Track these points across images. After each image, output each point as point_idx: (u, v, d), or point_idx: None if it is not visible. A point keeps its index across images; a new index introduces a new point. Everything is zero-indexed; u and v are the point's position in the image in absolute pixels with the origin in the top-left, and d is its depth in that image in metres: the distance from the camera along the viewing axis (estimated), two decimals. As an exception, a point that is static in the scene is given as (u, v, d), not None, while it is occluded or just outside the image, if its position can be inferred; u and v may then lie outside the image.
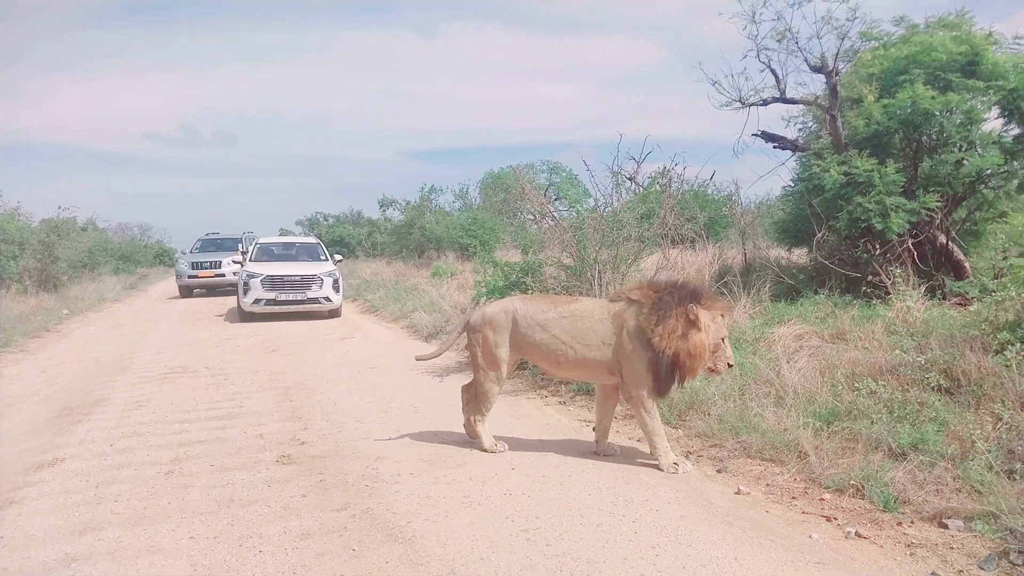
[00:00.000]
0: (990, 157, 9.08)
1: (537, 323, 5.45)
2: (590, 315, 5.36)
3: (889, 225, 8.89)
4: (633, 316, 5.18)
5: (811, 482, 4.78)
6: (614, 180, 9.36)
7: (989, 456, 4.39)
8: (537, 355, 5.54)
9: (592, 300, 5.82)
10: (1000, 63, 9.15)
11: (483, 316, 5.66)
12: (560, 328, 5.38)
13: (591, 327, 5.31)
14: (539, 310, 5.51)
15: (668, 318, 5.02)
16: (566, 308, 5.48)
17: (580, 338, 5.32)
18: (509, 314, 5.56)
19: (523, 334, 5.50)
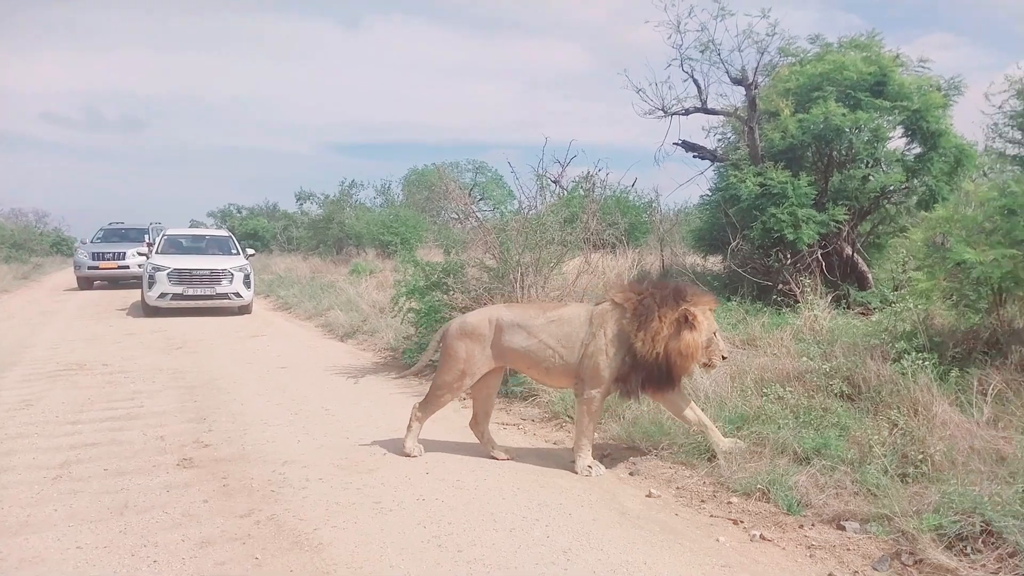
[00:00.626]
0: (894, 174, 9.53)
1: (524, 329, 5.30)
2: (575, 318, 5.26)
3: (800, 236, 9.21)
4: (614, 319, 5.11)
5: (720, 485, 4.85)
6: (539, 183, 9.37)
7: (885, 460, 4.56)
8: (524, 363, 5.40)
9: (578, 304, 5.71)
10: (906, 84, 9.61)
11: (463, 325, 5.43)
12: (547, 333, 5.25)
13: (575, 330, 5.21)
14: (526, 316, 5.37)
15: (651, 321, 4.96)
16: (554, 313, 5.37)
17: (565, 342, 5.21)
18: (492, 323, 5.36)
19: (507, 341, 5.32)
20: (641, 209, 18.17)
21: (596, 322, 5.16)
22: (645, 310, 5.00)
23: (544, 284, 8.36)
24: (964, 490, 3.98)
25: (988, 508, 3.74)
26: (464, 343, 5.35)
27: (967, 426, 4.93)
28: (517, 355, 5.34)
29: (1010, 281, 6.08)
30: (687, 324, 4.98)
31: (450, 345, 5.40)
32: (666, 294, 5.07)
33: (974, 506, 3.79)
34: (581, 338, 5.17)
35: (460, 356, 5.35)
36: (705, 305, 5.14)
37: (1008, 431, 4.97)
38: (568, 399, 6.60)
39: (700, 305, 5.09)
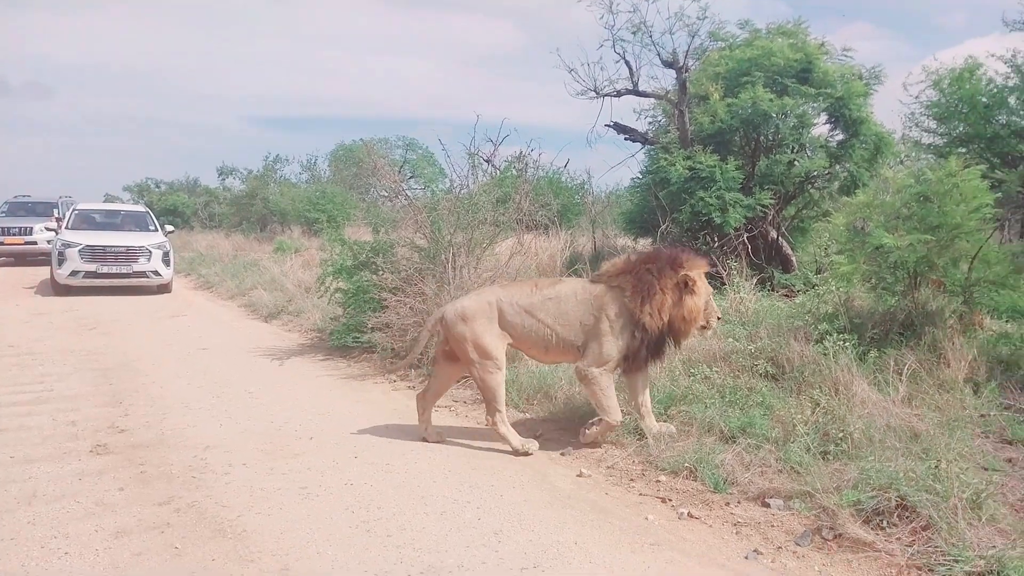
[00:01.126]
0: (818, 160, 9.79)
1: (523, 308, 5.24)
2: (572, 296, 5.23)
3: (727, 219, 9.38)
4: (614, 299, 5.11)
5: (649, 464, 4.91)
6: (471, 162, 9.24)
7: (807, 439, 4.68)
8: (525, 342, 5.32)
9: (574, 281, 5.59)
10: (830, 72, 9.86)
11: (462, 310, 5.28)
12: (545, 312, 5.21)
13: (572, 308, 5.19)
14: (523, 294, 5.30)
15: (654, 295, 5.01)
16: (550, 291, 5.30)
17: (561, 320, 5.19)
18: (493, 305, 5.27)
19: (509, 322, 5.25)
20: (574, 190, 18.24)
21: (596, 304, 5.15)
22: (646, 285, 5.04)
23: (477, 265, 8.28)
24: (881, 466, 4.13)
25: (903, 484, 3.88)
26: (474, 324, 5.22)
27: (884, 404, 5.12)
28: (518, 333, 5.28)
29: (924, 265, 6.33)
30: (687, 290, 5.07)
31: (463, 328, 5.23)
32: (662, 264, 5.11)
33: (890, 482, 3.92)
34: (579, 318, 5.17)
35: (478, 333, 5.22)
36: (700, 268, 5.20)
37: (921, 409, 5.19)
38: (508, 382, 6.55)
39: (696, 269, 5.15)
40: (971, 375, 5.76)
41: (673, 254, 5.23)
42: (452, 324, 5.26)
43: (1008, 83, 9.68)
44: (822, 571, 3.48)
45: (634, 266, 5.18)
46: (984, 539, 3.52)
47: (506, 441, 5.24)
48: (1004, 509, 3.82)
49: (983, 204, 6.12)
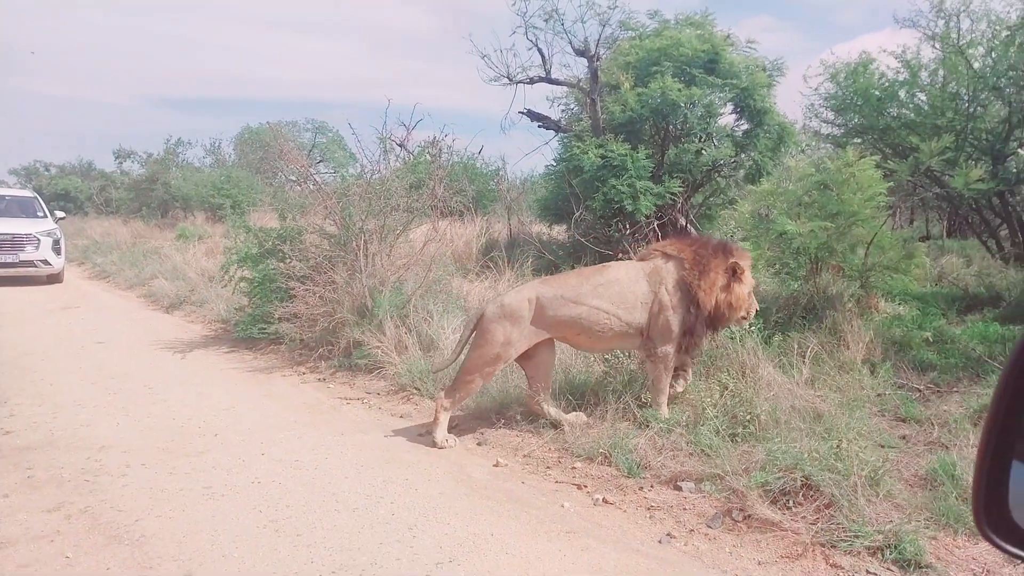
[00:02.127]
0: (724, 149, 10.05)
1: (569, 300, 5.10)
2: (625, 279, 5.18)
3: (639, 207, 9.52)
4: (673, 271, 5.12)
5: (565, 451, 4.92)
6: (382, 147, 9.04)
7: (717, 422, 4.80)
8: (572, 331, 5.17)
9: (621, 264, 5.54)
10: (735, 63, 10.12)
11: (502, 307, 5.14)
12: (599, 298, 5.10)
13: (629, 289, 5.14)
14: (567, 287, 5.19)
15: (709, 271, 5.05)
16: (600, 277, 5.23)
17: (621, 303, 5.10)
18: (532, 302, 5.13)
19: (553, 316, 5.11)
20: (488, 176, 18.17)
21: (654, 279, 5.15)
22: (703, 261, 5.09)
23: (390, 252, 8.11)
24: (787, 447, 4.26)
25: (807, 464, 4.02)
26: (503, 326, 5.09)
27: (789, 386, 5.30)
28: (563, 325, 5.14)
29: (825, 251, 6.60)
30: (735, 277, 5.13)
31: (488, 329, 5.11)
32: (716, 247, 5.21)
33: (795, 462, 4.06)
34: (640, 297, 5.13)
35: (498, 340, 5.09)
36: (748, 260, 5.26)
37: (823, 390, 5.40)
38: (415, 372, 6.46)
39: (745, 259, 5.23)
40: (868, 356, 6.04)
41: (724, 242, 5.38)
42: (488, 319, 5.14)
43: (899, 78, 10.18)
44: (732, 552, 3.56)
45: (689, 244, 5.29)
46: (882, 514, 3.69)
47: (436, 426, 5.15)
48: (899, 485, 4.01)
49: (877, 193, 6.43)
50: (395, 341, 7.01)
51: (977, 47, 9.28)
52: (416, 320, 7.24)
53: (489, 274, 9.63)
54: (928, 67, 10.05)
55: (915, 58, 10.03)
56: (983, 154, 9.29)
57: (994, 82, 8.68)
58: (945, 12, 9.53)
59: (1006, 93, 8.59)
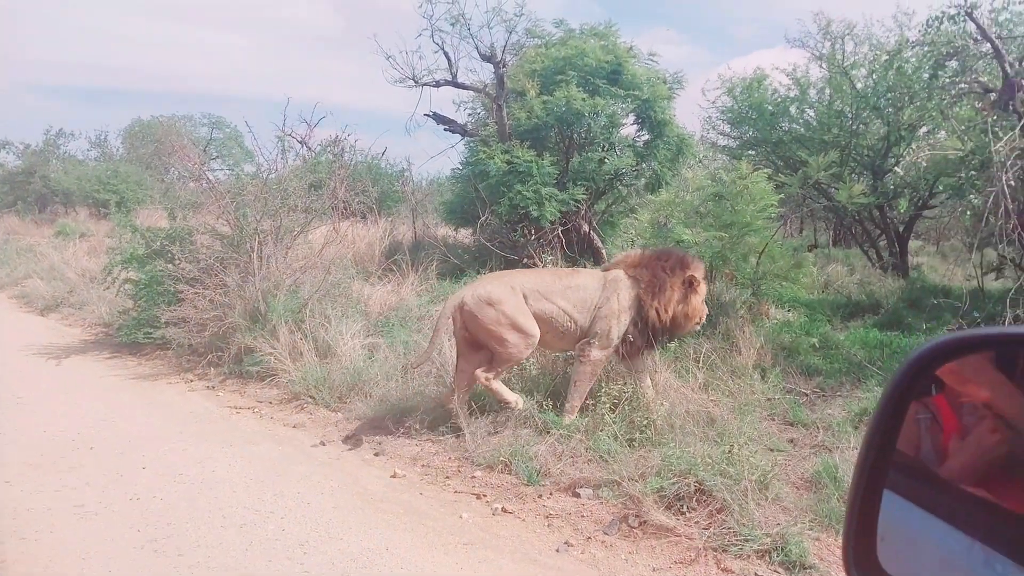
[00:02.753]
0: (626, 158, 10.26)
1: (543, 296, 5.29)
2: (588, 286, 5.38)
3: (544, 213, 9.58)
4: (627, 287, 5.33)
5: (465, 460, 4.86)
6: (280, 145, 8.72)
7: (615, 427, 4.84)
8: (543, 326, 5.27)
9: (589, 271, 5.88)
10: (638, 75, 10.35)
11: (487, 295, 5.17)
12: (566, 299, 5.30)
13: (590, 295, 5.34)
14: (544, 283, 5.37)
15: (665, 290, 5.29)
16: (570, 280, 5.44)
17: (581, 307, 5.31)
18: (517, 289, 5.25)
19: (530, 307, 5.25)
20: (393, 177, 17.89)
21: (610, 287, 5.35)
22: (659, 282, 5.32)
23: (286, 254, 7.83)
24: (681, 452, 4.33)
25: (700, 469, 4.09)
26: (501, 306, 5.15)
27: (684, 391, 5.42)
28: (537, 318, 5.25)
29: (719, 259, 6.80)
30: (691, 289, 5.37)
31: (487, 311, 5.13)
32: (673, 263, 5.42)
33: (689, 467, 4.13)
34: (594, 302, 5.33)
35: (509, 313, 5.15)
36: (702, 271, 5.52)
37: (717, 395, 5.54)
38: (311, 380, 6.25)
39: (699, 271, 5.46)
40: (759, 361, 6.24)
41: (681, 255, 5.59)
42: (478, 309, 5.13)
43: (790, 94, 10.67)
44: (628, 559, 3.58)
45: (649, 261, 5.46)
46: (770, 517, 3.80)
47: (499, 395, 5.18)
48: (787, 488, 4.15)
49: (769, 205, 6.69)
50: (289, 347, 6.77)
51: (860, 68, 9.84)
52: (313, 325, 7.00)
53: (392, 277, 9.44)
54: (816, 85, 10.60)
55: (804, 76, 10.54)
56: (865, 169, 9.84)
57: (875, 102, 9.20)
58: (831, 34, 10.07)
59: (885, 113, 9.12)
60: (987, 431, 1.06)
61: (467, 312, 5.22)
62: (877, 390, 5.45)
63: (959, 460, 1.08)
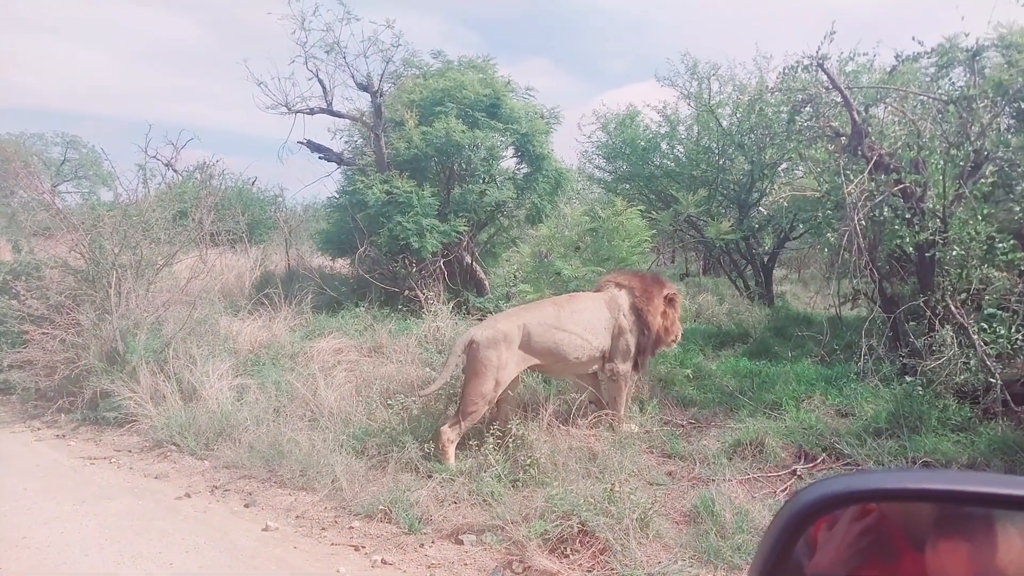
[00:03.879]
0: (506, 191, 10.33)
1: (552, 326, 5.43)
2: (592, 307, 5.64)
3: (425, 244, 9.47)
4: (627, 298, 5.68)
5: (342, 509, 4.65)
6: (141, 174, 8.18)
7: (499, 468, 4.76)
8: (552, 358, 5.47)
9: (585, 295, 5.98)
10: (516, 109, 10.49)
11: (495, 333, 5.30)
12: (574, 324, 5.48)
13: (595, 316, 5.60)
14: (547, 314, 5.52)
15: (653, 299, 5.68)
16: (571, 305, 5.65)
17: (590, 329, 5.53)
18: (521, 328, 5.37)
19: (538, 342, 5.40)
20: (266, 203, 17.25)
21: (613, 306, 5.67)
22: (649, 291, 5.72)
23: (147, 289, 7.31)
24: (564, 493, 4.31)
25: (583, 509, 4.08)
26: (496, 351, 5.24)
27: (566, 428, 5.42)
28: (546, 351, 5.43)
29: (599, 293, 6.92)
30: (671, 305, 5.82)
31: (483, 356, 5.22)
32: (652, 280, 5.86)
33: (572, 508, 4.11)
34: (604, 323, 5.61)
35: (494, 364, 5.22)
36: (675, 290, 5.91)
37: (599, 430, 5.58)
38: (175, 425, 5.83)
39: (675, 290, 5.89)
40: (637, 393, 6.36)
41: (656, 276, 6.14)
42: (484, 347, 5.24)
43: (661, 130, 11.12)
44: (512, 610, 3.49)
45: (635, 275, 5.92)
46: (652, 556, 3.83)
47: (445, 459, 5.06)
48: (667, 524, 4.20)
49: (643, 239, 6.89)
50: (151, 390, 6.30)
51: (725, 107, 10.38)
52: (177, 366, 6.55)
53: (264, 311, 9.01)
54: (685, 122, 11.10)
55: (674, 114, 11.03)
56: (731, 203, 10.36)
57: (739, 139, 9.74)
58: (698, 75, 10.59)
59: (749, 150, 9.66)
60: (852, 519, 1.05)
61: (473, 348, 5.31)
62: (749, 420, 5.66)
63: (827, 553, 1.06)
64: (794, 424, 5.48)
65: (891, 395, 5.59)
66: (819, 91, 6.30)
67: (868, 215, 5.84)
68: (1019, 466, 4.63)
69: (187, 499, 4.86)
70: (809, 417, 5.56)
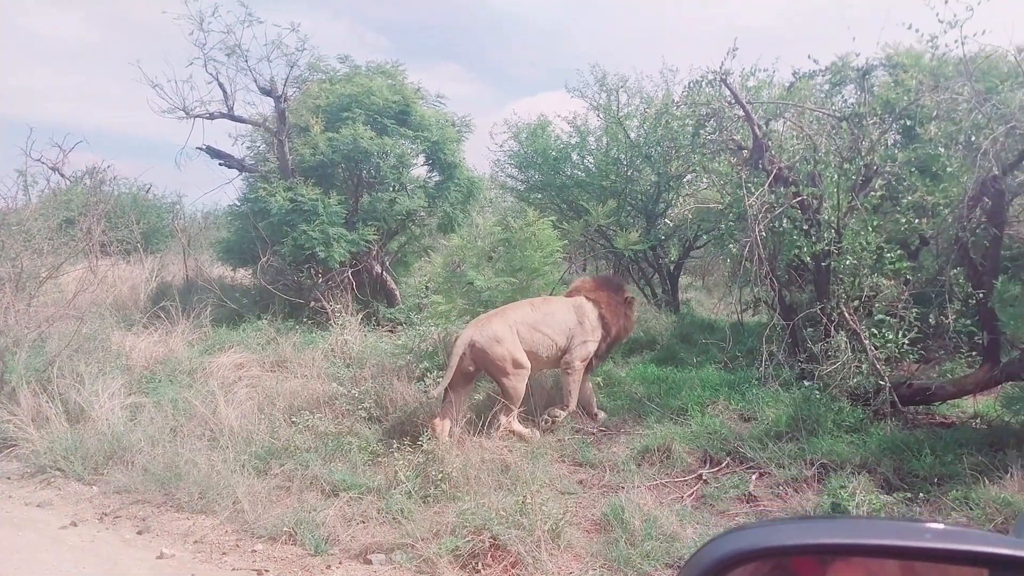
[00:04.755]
0: (417, 199, 10.21)
1: (531, 326, 6.01)
2: (561, 311, 6.22)
3: (331, 254, 9.24)
4: (593, 307, 6.33)
5: (244, 532, 4.45)
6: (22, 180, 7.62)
7: (409, 484, 4.66)
8: (533, 354, 5.98)
9: (557, 299, 6.55)
10: (426, 116, 10.39)
11: (494, 334, 5.78)
12: (547, 325, 6.08)
13: (563, 319, 6.18)
14: (527, 315, 6.09)
15: (616, 307, 6.42)
16: (546, 308, 6.23)
17: (559, 331, 6.13)
18: (513, 328, 5.90)
19: (524, 339, 5.95)
20: (163, 211, 16.45)
21: (579, 312, 6.26)
22: (612, 301, 6.40)
23: (29, 303, 6.82)
24: (476, 507, 4.25)
25: (495, 523, 4.03)
26: (507, 343, 5.80)
27: (479, 440, 5.36)
28: (528, 348, 5.96)
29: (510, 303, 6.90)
30: (628, 307, 6.59)
31: (497, 355, 5.73)
32: (615, 286, 6.63)
33: (484, 523, 4.06)
34: (570, 327, 6.20)
35: (512, 351, 5.80)
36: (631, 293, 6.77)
37: (510, 441, 5.55)
38: (60, 449, 5.44)
39: (630, 293, 6.70)
40: (551, 402, 6.37)
41: (618, 281, 7.00)
42: (489, 347, 5.72)
43: (571, 141, 11.23)
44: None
45: (600, 285, 6.58)
46: (563, 566, 3.82)
47: (518, 434, 5.72)
48: (579, 533, 4.20)
49: (555, 250, 6.92)
50: (33, 412, 5.88)
51: (633, 119, 10.58)
52: (63, 386, 6.13)
53: (160, 325, 8.56)
54: (595, 133, 11.24)
55: (584, 125, 11.16)
56: (640, 213, 10.56)
57: (646, 151, 9.93)
58: (607, 87, 10.74)
59: (656, 162, 9.86)
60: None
61: (478, 349, 5.73)
62: (657, 426, 5.76)
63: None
64: (700, 429, 5.60)
65: (790, 399, 5.80)
66: (722, 105, 6.49)
67: (768, 226, 6.05)
68: (907, 463, 4.87)
69: (73, 528, 4.55)
70: (714, 422, 5.70)
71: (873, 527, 1.15)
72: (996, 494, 4.18)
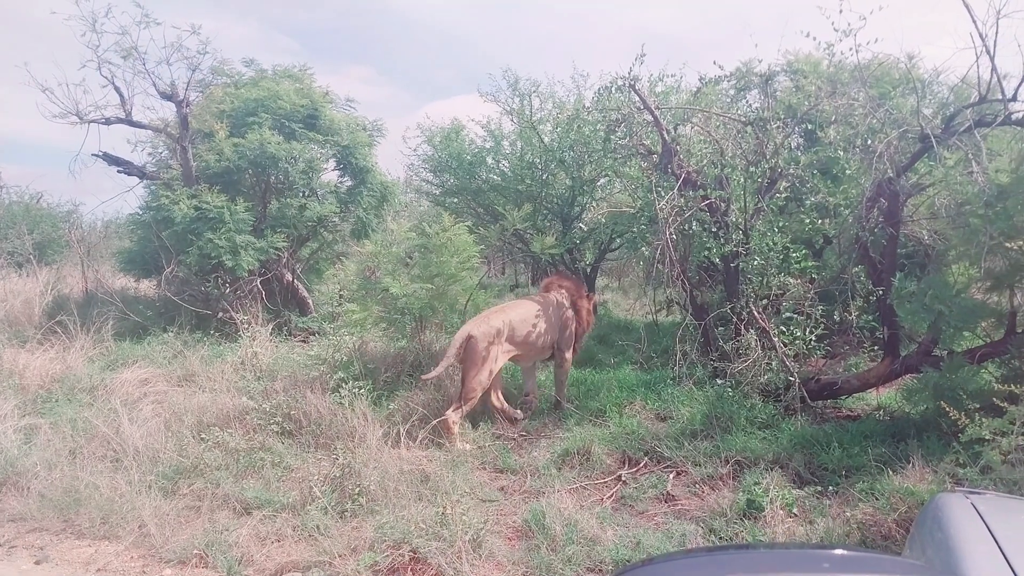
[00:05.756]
0: (328, 205, 10.00)
1: (525, 321, 6.32)
2: (547, 307, 6.57)
3: (240, 263, 8.94)
4: (568, 298, 6.76)
5: (151, 557, 4.24)
6: None
7: (325, 500, 4.53)
8: (524, 347, 6.33)
9: (539, 296, 6.87)
10: (336, 120, 10.19)
11: (489, 329, 6.04)
12: (539, 320, 6.41)
13: (550, 315, 6.54)
14: (520, 314, 6.38)
15: (583, 298, 6.89)
16: (533, 305, 6.53)
17: (548, 324, 6.48)
18: (506, 323, 6.16)
19: (519, 335, 6.27)
20: (59, 219, 15.56)
21: (559, 306, 6.67)
22: (579, 292, 6.88)
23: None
24: (395, 521, 4.18)
25: (415, 536, 3.97)
26: (495, 341, 6.06)
27: (397, 451, 5.26)
28: (522, 343, 6.30)
29: (428, 310, 6.83)
30: (589, 302, 7.01)
31: (481, 349, 5.93)
32: (578, 282, 7.17)
33: (403, 536, 3.99)
34: (555, 320, 6.57)
35: (491, 357, 6.01)
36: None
37: (430, 450, 5.48)
38: None
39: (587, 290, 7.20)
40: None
41: (576, 279, 7.49)
42: (482, 342, 5.96)
43: (486, 145, 11.22)
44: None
45: (565, 280, 7.01)
46: (485, 576, 3.76)
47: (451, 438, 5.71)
48: (500, 541, 4.17)
49: (471, 256, 6.88)
50: (-88, 440, 5.41)
51: (546, 124, 10.64)
52: (-54, 410, 5.69)
53: (56, 341, 8.07)
54: (509, 137, 11.26)
55: (498, 129, 11.17)
56: (555, 216, 10.63)
57: (560, 156, 10.00)
58: (519, 91, 10.78)
59: (569, 166, 9.95)
60: None
61: (473, 341, 5.95)
62: (576, 429, 5.80)
63: None
64: (618, 430, 5.66)
65: (704, 397, 5.94)
66: (632, 111, 6.59)
67: (679, 229, 6.18)
68: (817, 457, 5.06)
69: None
70: (631, 423, 5.78)
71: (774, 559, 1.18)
72: (899, 484, 4.38)
